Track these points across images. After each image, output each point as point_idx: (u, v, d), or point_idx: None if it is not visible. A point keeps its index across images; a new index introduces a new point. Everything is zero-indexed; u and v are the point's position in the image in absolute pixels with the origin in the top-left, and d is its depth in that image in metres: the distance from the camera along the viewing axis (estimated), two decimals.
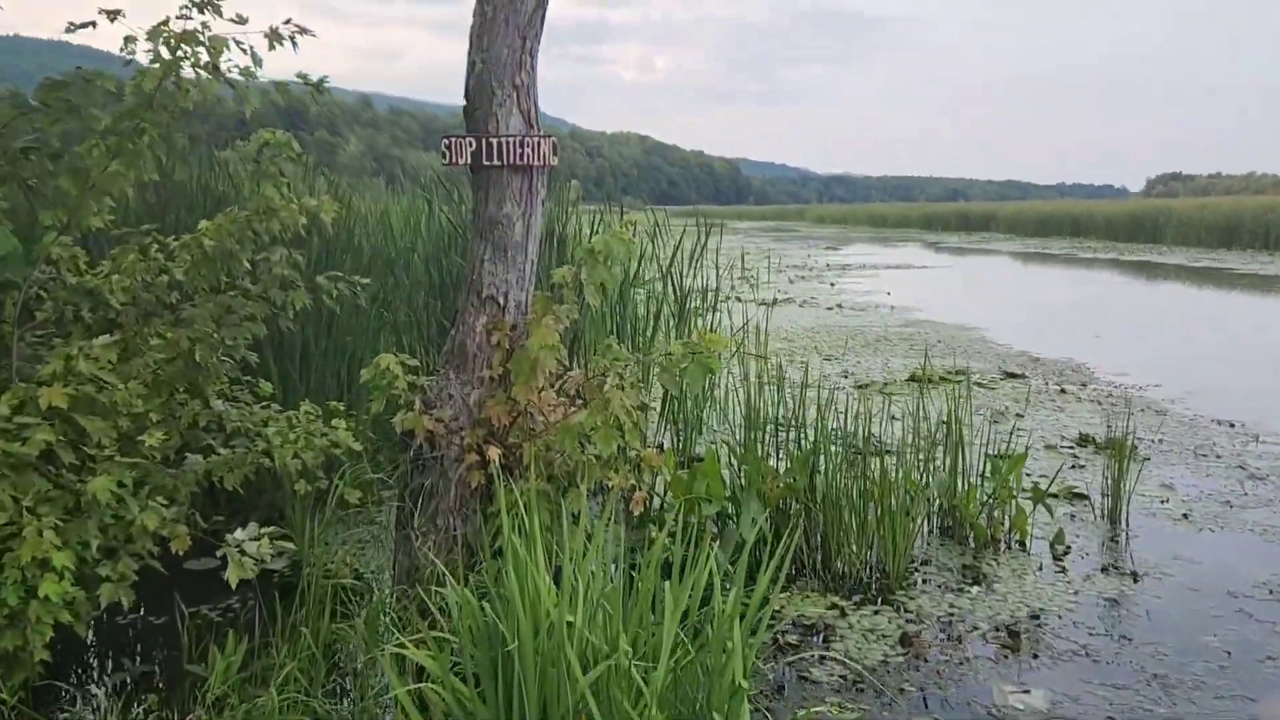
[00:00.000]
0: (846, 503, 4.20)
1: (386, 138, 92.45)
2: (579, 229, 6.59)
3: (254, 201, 3.70)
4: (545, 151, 3.53)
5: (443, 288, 5.54)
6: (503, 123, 3.51)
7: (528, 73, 3.55)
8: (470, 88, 3.54)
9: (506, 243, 3.56)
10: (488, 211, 3.57)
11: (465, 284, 3.62)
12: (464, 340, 3.57)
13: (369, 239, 6.30)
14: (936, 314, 13.81)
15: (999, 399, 7.79)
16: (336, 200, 5.72)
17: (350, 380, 4.99)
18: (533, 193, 3.60)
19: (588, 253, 3.45)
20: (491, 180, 3.55)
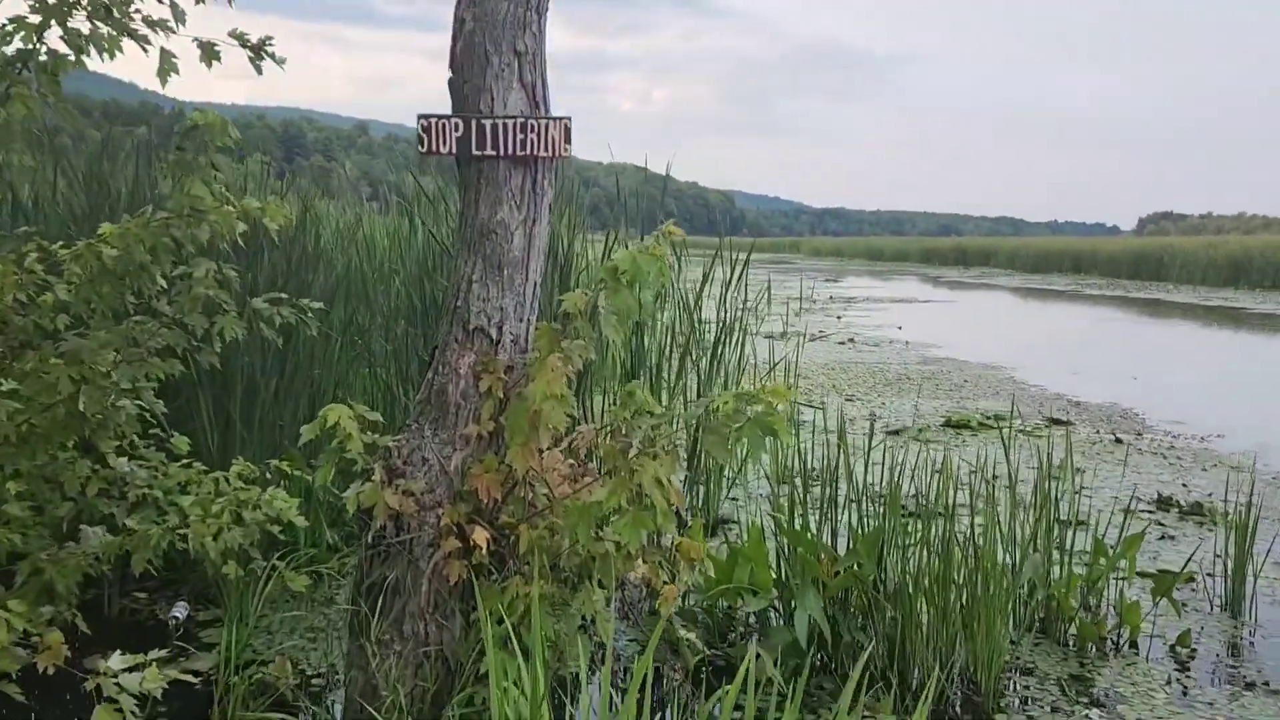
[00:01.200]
0: (921, 592, 3.31)
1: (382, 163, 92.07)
2: (585, 250, 5.72)
3: (175, 201, 2.83)
4: (555, 138, 2.67)
5: (424, 316, 4.67)
6: (499, 100, 2.66)
7: (534, 35, 2.69)
8: (457, 53, 2.69)
9: (502, 258, 2.70)
10: (478, 217, 2.71)
11: (447, 311, 2.75)
12: (444, 385, 2.69)
13: (344, 255, 5.44)
14: (956, 351, 13.00)
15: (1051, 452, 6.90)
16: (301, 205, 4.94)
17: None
18: (537, 193, 2.74)
19: (610, 273, 2.58)
20: (483, 175, 2.70)
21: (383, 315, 5.06)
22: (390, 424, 4.78)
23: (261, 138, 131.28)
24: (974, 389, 9.78)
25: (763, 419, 2.50)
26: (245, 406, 3.84)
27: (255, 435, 3.87)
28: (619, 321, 2.60)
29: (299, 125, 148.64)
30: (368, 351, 4.93)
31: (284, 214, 3.01)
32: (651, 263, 2.58)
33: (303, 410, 4.14)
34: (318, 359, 4.47)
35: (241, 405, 3.81)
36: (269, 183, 6.14)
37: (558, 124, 2.67)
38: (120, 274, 2.72)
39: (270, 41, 2.76)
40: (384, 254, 6.10)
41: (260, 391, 3.89)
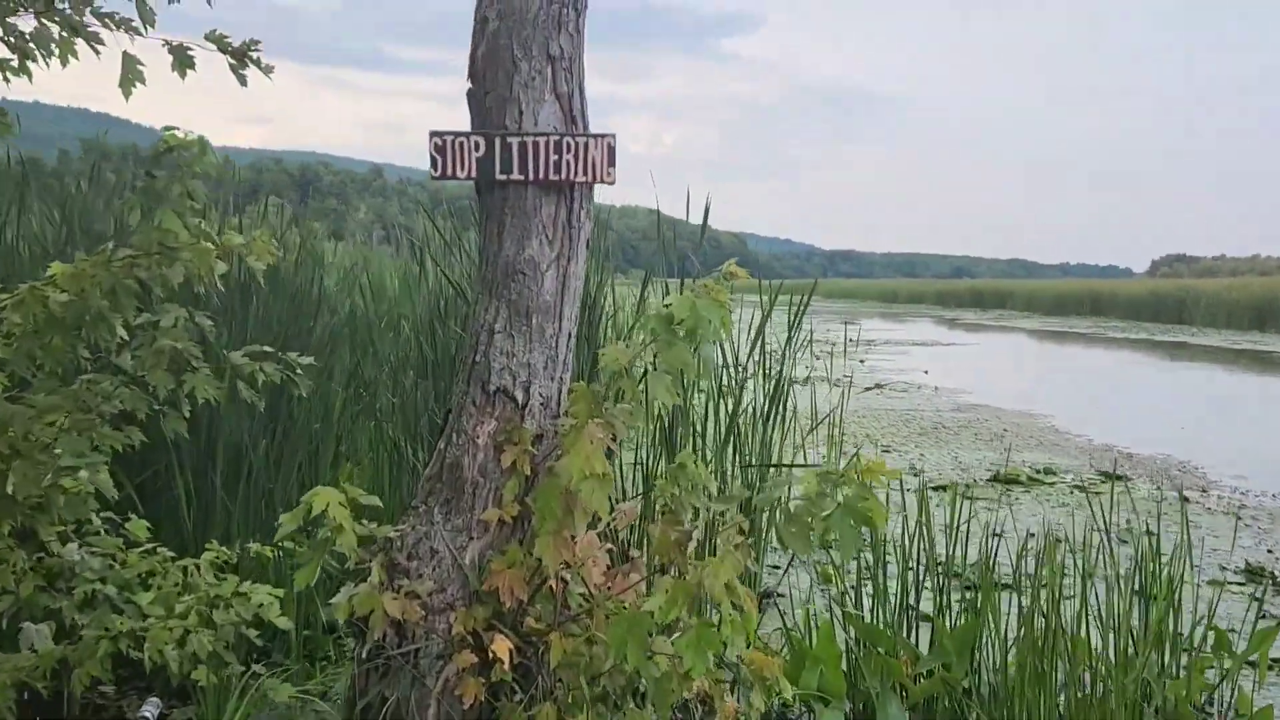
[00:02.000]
0: (1019, 696, 2.78)
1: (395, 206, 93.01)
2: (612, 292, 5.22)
3: (141, 235, 2.36)
4: (596, 159, 2.20)
5: (435, 366, 4.18)
6: (529, 114, 2.20)
7: (570, 36, 2.24)
8: (478, 60, 2.23)
9: (530, 303, 2.22)
10: (502, 254, 2.24)
11: (463, 367, 2.26)
12: (458, 459, 2.20)
13: (349, 299, 4.99)
14: (988, 397, 12.46)
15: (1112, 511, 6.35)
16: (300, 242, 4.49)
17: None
18: (573, 225, 2.27)
19: (663, 323, 2.09)
20: (509, 204, 2.23)
21: (390, 365, 4.59)
22: (396, 491, 4.32)
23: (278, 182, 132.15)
24: (1015, 438, 9.25)
25: (856, 506, 2.00)
26: (229, 474, 3.35)
27: (242, 506, 3.37)
28: (670, 385, 2.11)
29: (315, 169, 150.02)
30: (373, 406, 4.45)
31: (271, 251, 2.55)
32: (714, 310, 2.09)
33: (297, 477, 3.66)
34: (316, 413, 4.00)
35: (225, 472, 3.31)
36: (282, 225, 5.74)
37: (599, 142, 2.20)
38: (72, 324, 2.25)
39: (256, 46, 2.31)
40: (393, 298, 5.66)
41: (247, 454, 3.40)
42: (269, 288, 3.93)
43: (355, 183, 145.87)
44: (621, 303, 10.00)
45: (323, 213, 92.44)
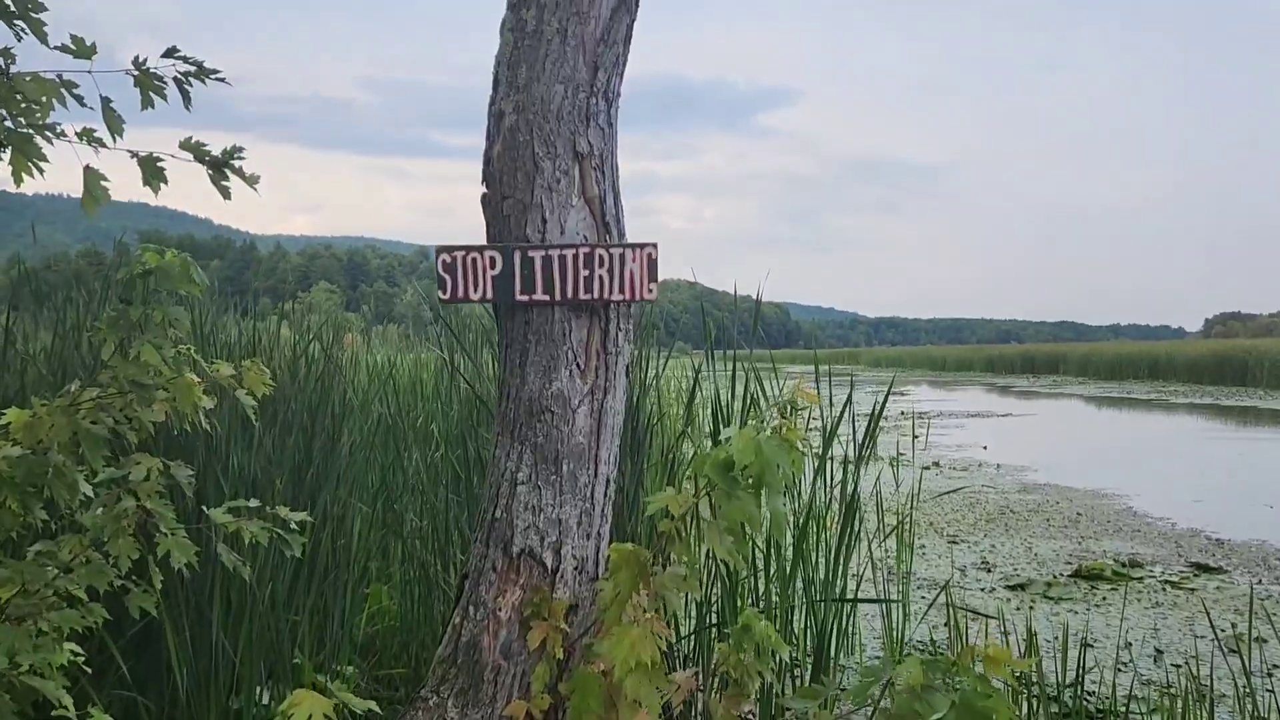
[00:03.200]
0: None
1: None
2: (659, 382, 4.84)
3: (118, 370, 2.04)
4: (635, 274, 1.85)
5: (467, 483, 3.82)
6: (554, 222, 1.86)
7: (600, 130, 1.91)
8: (494, 160, 1.91)
9: (560, 447, 1.85)
10: (525, 388, 1.88)
11: (480, 525, 1.89)
12: (476, 637, 1.81)
13: (383, 403, 4.69)
14: (1056, 474, 11.83)
15: (1211, 608, 5.77)
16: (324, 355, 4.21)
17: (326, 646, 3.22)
18: (609, 351, 1.91)
19: (720, 469, 1.70)
20: (532, 329, 1.88)
21: (420, 481, 4.25)
22: (426, 618, 3.95)
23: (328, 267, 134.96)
24: (1091, 524, 8.65)
25: (975, 705, 1.57)
26: (230, 621, 2.97)
27: (246, 649, 2.99)
28: (729, 543, 1.71)
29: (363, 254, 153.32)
30: (401, 524, 4.10)
31: (266, 382, 2.21)
32: (783, 453, 1.70)
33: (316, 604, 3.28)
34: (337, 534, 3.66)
35: (223, 619, 2.93)
36: (336, 312, 5.50)
37: (637, 254, 1.85)
38: (25, 483, 1.91)
39: (239, 154, 1.99)
40: (428, 399, 5.34)
41: (251, 587, 3.02)
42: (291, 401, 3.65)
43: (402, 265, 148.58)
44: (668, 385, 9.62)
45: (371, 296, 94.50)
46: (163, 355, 2.05)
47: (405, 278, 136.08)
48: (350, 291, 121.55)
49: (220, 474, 3.18)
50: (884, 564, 6.15)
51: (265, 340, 4.12)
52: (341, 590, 3.58)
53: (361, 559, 3.96)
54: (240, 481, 3.26)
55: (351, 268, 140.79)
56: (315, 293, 78.33)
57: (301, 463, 3.64)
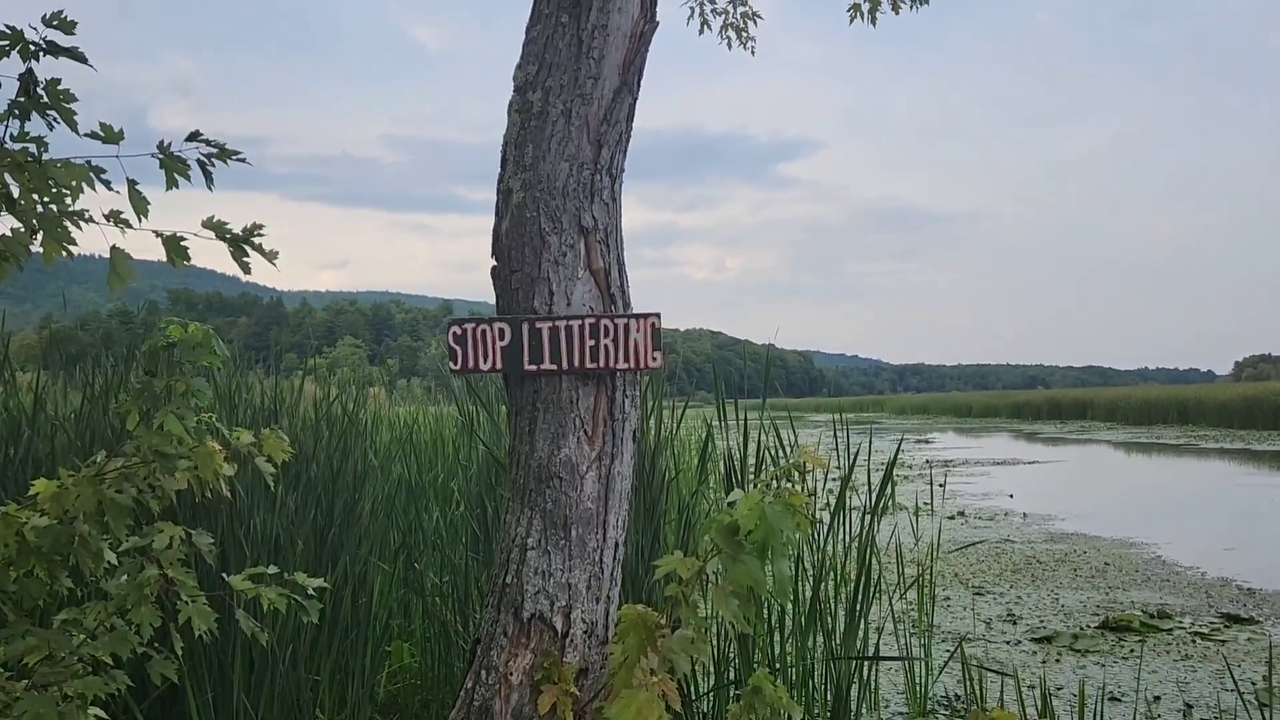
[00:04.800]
0: None
1: None
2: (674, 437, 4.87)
3: (143, 440, 2.11)
4: (639, 343, 1.91)
5: (486, 544, 3.86)
6: (560, 294, 1.93)
7: (605, 205, 1.98)
8: (502, 235, 1.99)
9: (569, 512, 1.90)
10: (534, 455, 1.93)
11: (492, 590, 1.93)
12: (487, 702, 1.84)
13: (402, 462, 4.75)
14: (1083, 523, 11.71)
15: (1242, 663, 5.69)
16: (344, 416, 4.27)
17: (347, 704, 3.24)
18: (616, 418, 1.96)
19: (725, 534, 1.74)
20: (541, 398, 1.94)
21: (440, 538, 4.29)
22: (446, 675, 3.96)
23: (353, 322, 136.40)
24: (1119, 574, 8.54)
25: None
26: (252, 681, 3.00)
27: (266, 713, 3.02)
28: (738, 608, 1.74)
29: (388, 308, 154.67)
30: (421, 583, 4.13)
31: (285, 448, 2.28)
32: (787, 518, 1.74)
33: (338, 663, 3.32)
34: (359, 593, 3.70)
35: (244, 679, 2.97)
36: (360, 366, 5.58)
37: (641, 323, 1.91)
38: (52, 552, 1.97)
39: (259, 231, 2.07)
40: (449, 457, 5.40)
41: (272, 646, 3.06)
42: (314, 462, 3.72)
43: (426, 320, 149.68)
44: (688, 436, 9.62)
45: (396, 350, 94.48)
46: (185, 425, 2.12)
47: (429, 331, 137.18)
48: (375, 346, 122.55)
49: (243, 536, 3.24)
50: (906, 616, 6.11)
51: (289, 400, 4.20)
52: (362, 649, 3.62)
53: (383, 617, 4.00)
54: (263, 543, 3.31)
55: (376, 322, 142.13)
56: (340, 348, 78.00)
57: (323, 523, 3.69)
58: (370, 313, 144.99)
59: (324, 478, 3.75)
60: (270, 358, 5.00)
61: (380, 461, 4.42)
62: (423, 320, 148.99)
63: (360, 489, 3.91)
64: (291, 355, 10.09)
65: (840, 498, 3.85)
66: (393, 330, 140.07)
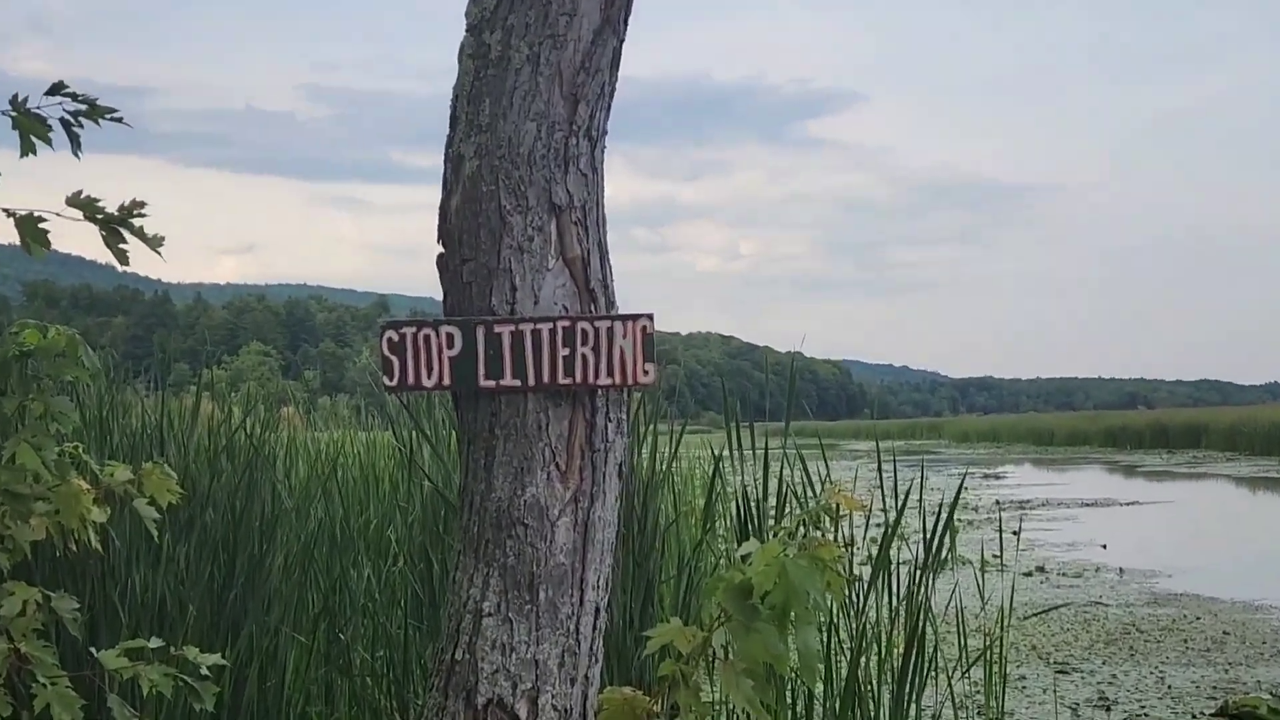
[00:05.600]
0: None
1: None
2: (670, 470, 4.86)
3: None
4: (626, 352, 1.96)
5: (430, 609, 3.88)
6: (525, 289, 1.98)
7: (582, 175, 2.03)
8: (450, 214, 2.04)
9: (535, 569, 1.96)
10: (493, 496, 1.98)
11: (438, 668, 1.95)
12: None
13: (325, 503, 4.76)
14: (1196, 581, 11.76)
15: None
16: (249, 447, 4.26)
17: None
18: (596, 449, 2.02)
19: (735, 596, 1.76)
20: (500, 423, 2.00)
21: (373, 603, 4.31)
22: None
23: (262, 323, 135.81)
24: (1241, 645, 8.60)
25: None
26: None
27: None
28: (759, 687, 1.77)
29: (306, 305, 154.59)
30: (350, 660, 4.14)
31: (172, 487, 2.30)
32: (813, 577, 1.76)
33: None
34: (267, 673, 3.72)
35: None
36: (271, 380, 5.66)
37: (629, 327, 1.95)
38: None
39: (141, 209, 2.08)
40: (384, 499, 5.42)
41: None
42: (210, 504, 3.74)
43: (356, 320, 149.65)
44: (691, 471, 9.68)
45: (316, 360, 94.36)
46: (43, 457, 2.13)
47: (359, 335, 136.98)
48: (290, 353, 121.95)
49: (118, 600, 3.25)
50: (970, 701, 6.13)
51: (179, 424, 4.21)
52: None
53: (298, 702, 4.02)
54: (143, 609, 3.32)
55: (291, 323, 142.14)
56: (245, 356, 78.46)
57: (222, 582, 3.70)
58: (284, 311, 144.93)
59: (223, 524, 3.77)
60: (155, 369, 5.01)
61: (296, 503, 4.43)
62: (351, 321, 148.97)
63: (270, 538, 3.93)
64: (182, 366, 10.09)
65: (884, 549, 3.87)
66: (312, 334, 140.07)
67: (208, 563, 3.57)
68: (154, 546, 3.36)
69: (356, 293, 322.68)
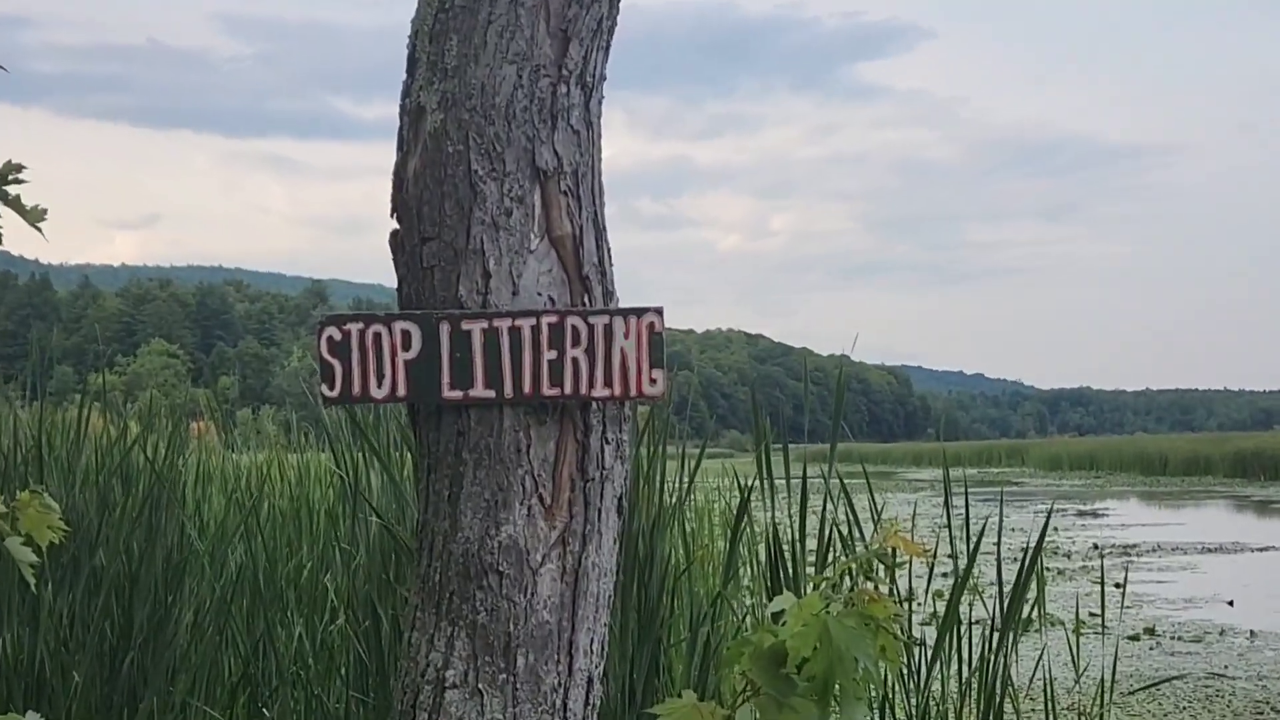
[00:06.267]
0: None
1: None
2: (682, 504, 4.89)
3: None
4: (631, 356, 2.04)
5: (380, 677, 3.91)
6: (501, 274, 2.05)
7: (574, 133, 2.07)
8: (408, 180, 2.07)
9: (513, 630, 2.04)
10: (459, 537, 2.05)
11: None
12: None
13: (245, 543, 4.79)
14: None
15: None
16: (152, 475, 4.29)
17: None
18: (590, 479, 2.09)
19: (765, 664, 1.79)
20: (469, 444, 2.07)
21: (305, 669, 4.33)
22: None
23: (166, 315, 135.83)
24: None
25: None
26: None
27: None
28: None
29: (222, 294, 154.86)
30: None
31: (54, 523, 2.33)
32: (864, 637, 1.78)
33: None
34: None
35: None
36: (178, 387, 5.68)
37: (634, 324, 2.00)
38: None
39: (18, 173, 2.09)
40: (320, 537, 5.45)
41: None
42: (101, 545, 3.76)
43: (286, 312, 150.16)
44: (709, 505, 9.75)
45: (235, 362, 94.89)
46: None
47: (290, 332, 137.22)
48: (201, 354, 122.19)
49: None
50: None
51: (61, 443, 4.23)
52: None
53: None
54: (16, 676, 3.33)
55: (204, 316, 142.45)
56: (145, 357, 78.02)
57: (116, 643, 3.72)
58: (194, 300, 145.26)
59: (118, 569, 3.80)
60: (31, 373, 5.03)
61: (210, 544, 4.46)
62: (279, 314, 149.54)
63: (177, 588, 3.97)
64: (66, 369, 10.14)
65: (954, 605, 3.90)
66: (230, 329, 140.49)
67: (98, 618, 3.58)
68: (30, 598, 3.37)
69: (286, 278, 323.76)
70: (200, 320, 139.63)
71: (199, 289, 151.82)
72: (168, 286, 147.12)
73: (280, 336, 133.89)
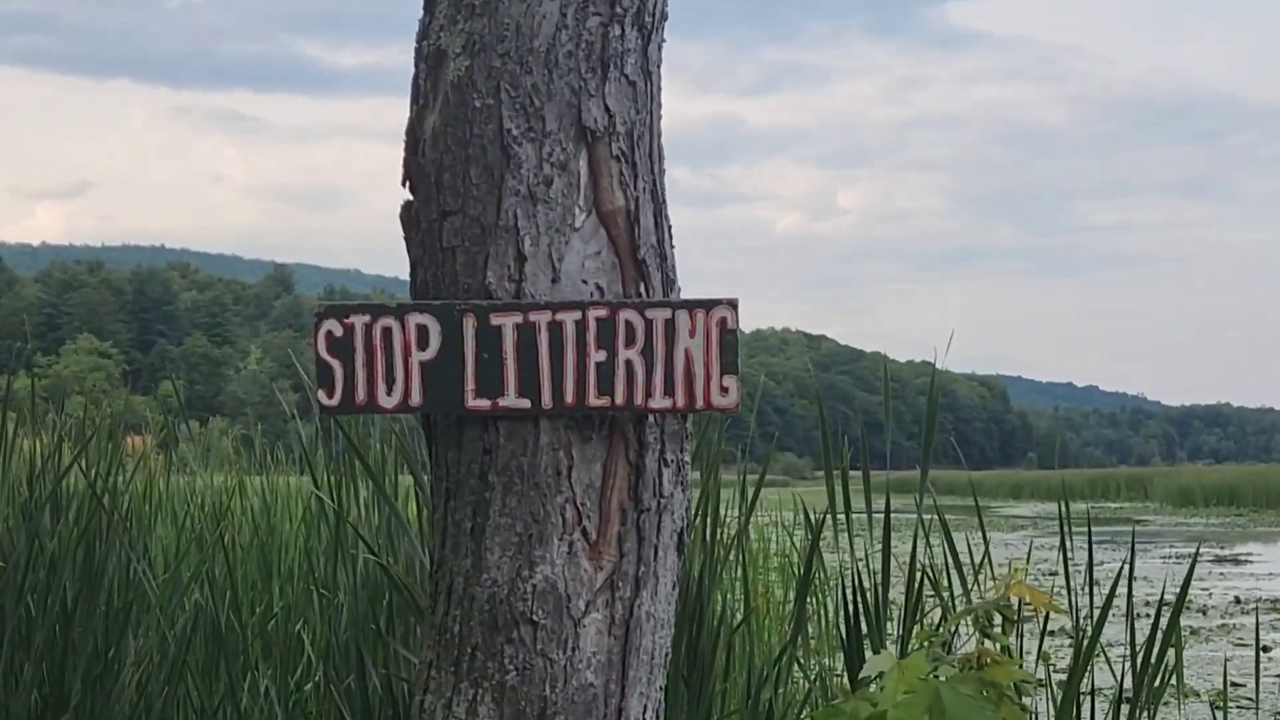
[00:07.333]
0: None
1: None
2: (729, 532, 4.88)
3: None
4: (699, 359, 2.05)
5: None
6: (539, 258, 2.05)
7: (629, 84, 2.10)
8: (424, 139, 2.09)
9: (549, 694, 2.06)
10: (483, 579, 2.04)
11: None
12: None
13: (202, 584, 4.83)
14: None
15: None
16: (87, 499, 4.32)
17: None
18: (646, 509, 2.10)
19: None
20: (496, 465, 2.07)
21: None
22: None
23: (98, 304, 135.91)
24: None
25: None
26: None
27: None
28: None
29: (164, 278, 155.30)
30: None
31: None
32: (984, 711, 1.79)
33: None
34: None
35: None
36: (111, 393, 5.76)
37: (702, 320, 2.01)
38: None
39: None
40: (293, 575, 5.49)
41: None
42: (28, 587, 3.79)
43: (242, 303, 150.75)
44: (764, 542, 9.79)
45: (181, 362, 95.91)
46: None
47: (247, 326, 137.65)
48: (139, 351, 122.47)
49: None
50: None
51: None
52: None
53: None
54: None
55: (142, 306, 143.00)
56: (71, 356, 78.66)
57: (47, 703, 3.74)
58: (130, 287, 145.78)
59: (49, 616, 3.81)
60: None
61: (161, 585, 4.48)
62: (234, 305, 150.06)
63: (120, 638, 3.98)
64: None
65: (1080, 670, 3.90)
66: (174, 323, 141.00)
67: (30, 673, 3.61)
68: None
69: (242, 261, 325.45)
70: (137, 312, 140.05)
71: (136, 273, 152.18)
72: (98, 270, 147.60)
73: (235, 333, 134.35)
